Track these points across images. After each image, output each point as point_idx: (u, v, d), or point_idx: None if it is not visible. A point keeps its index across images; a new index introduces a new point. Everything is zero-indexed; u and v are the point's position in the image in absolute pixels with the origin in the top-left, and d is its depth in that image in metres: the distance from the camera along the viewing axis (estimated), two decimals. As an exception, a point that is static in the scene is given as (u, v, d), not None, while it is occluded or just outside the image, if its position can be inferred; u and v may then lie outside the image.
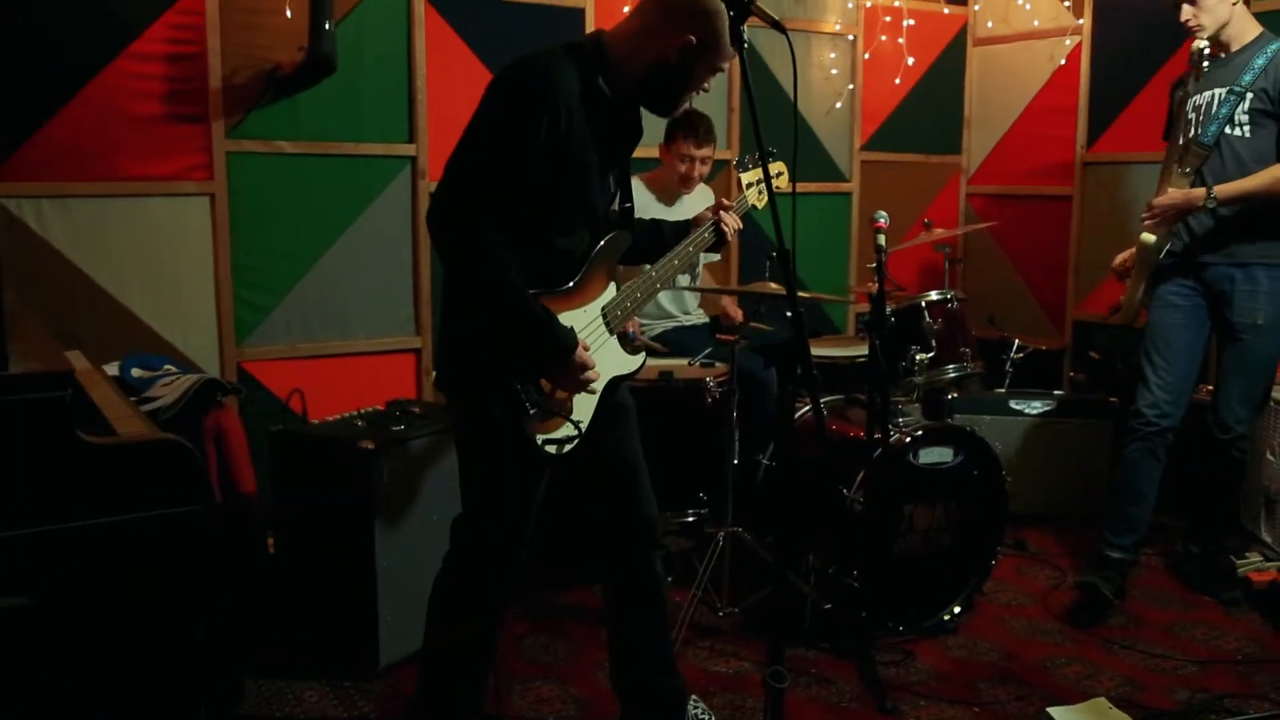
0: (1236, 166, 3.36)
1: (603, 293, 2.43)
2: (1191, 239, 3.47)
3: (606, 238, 2.42)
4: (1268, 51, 3.35)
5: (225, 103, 3.73)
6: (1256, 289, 3.41)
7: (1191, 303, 3.51)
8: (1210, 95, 3.45)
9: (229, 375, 3.79)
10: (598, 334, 2.39)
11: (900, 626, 3.38)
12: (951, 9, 5.44)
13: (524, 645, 3.28)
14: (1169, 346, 3.51)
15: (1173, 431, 3.50)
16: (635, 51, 2.27)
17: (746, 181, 2.89)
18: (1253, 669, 3.20)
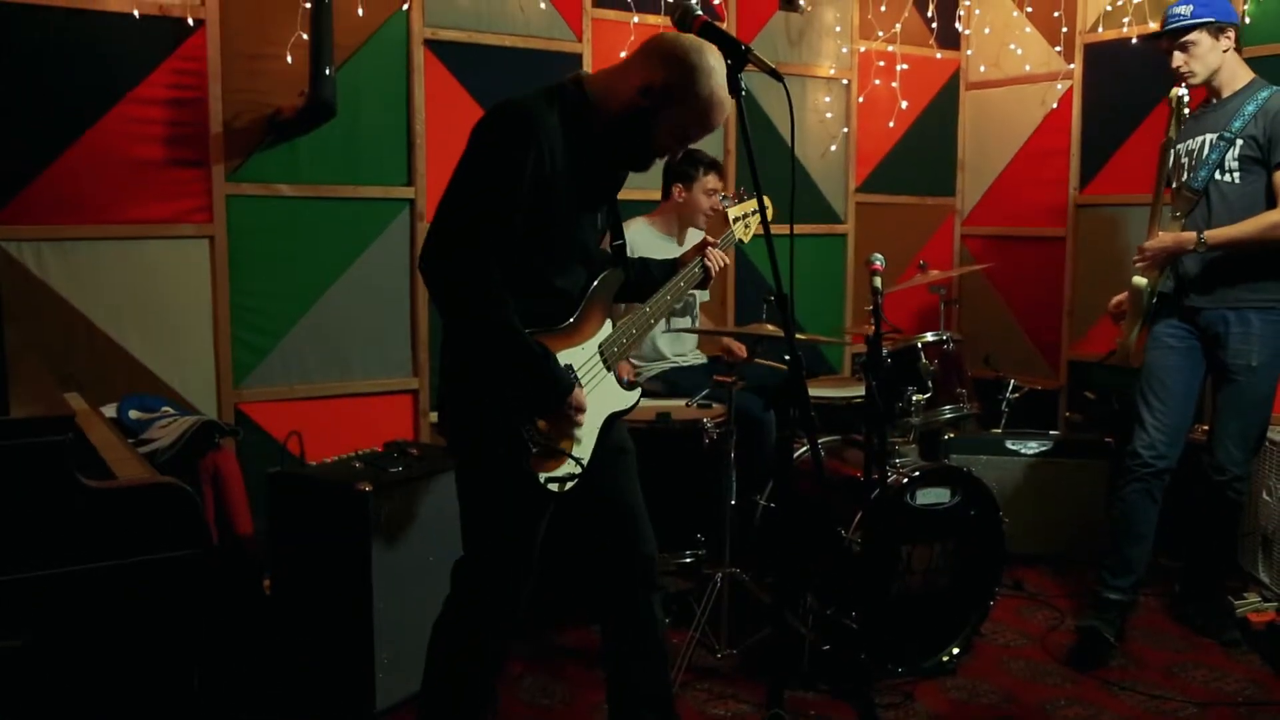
0: (1226, 212, 3.39)
1: (599, 330, 2.45)
2: (1183, 281, 3.49)
3: (601, 275, 2.43)
4: (1258, 99, 3.39)
5: (226, 146, 3.77)
6: (1249, 331, 3.43)
7: (1187, 344, 3.52)
8: (1202, 140, 3.48)
9: (226, 417, 3.79)
10: (595, 371, 2.41)
11: (899, 668, 3.36)
12: (944, 54, 5.50)
13: (521, 686, 3.26)
14: (1165, 388, 3.52)
15: (1169, 473, 3.51)
16: (611, 92, 2.29)
17: (733, 216, 2.90)
18: (1253, 711, 3.19)
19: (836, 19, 5.16)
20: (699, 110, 2.26)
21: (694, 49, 2.23)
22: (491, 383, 2.25)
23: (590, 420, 2.36)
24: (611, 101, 2.28)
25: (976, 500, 3.47)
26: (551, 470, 2.28)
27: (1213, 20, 3.39)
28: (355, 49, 3.96)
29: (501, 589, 2.39)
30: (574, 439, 2.33)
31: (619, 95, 2.27)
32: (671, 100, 2.24)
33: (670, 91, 2.23)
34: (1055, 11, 5.08)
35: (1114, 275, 3.86)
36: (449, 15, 4.15)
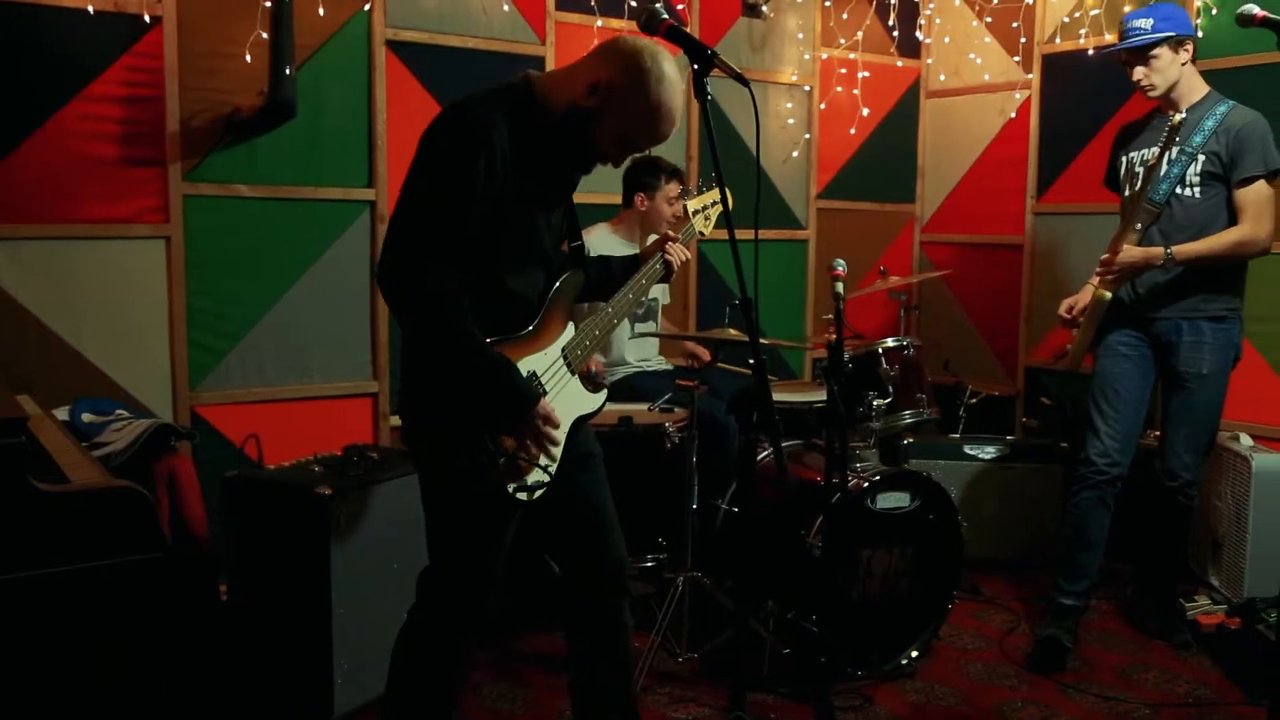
0: (1187, 226, 3.43)
1: (562, 334, 2.43)
2: (1138, 291, 3.54)
3: (562, 278, 2.42)
4: (1216, 113, 3.43)
5: (183, 146, 3.72)
6: (1201, 340, 3.48)
7: (1139, 352, 3.57)
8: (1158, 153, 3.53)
9: (182, 420, 3.74)
10: (560, 375, 2.39)
11: (859, 670, 3.38)
12: (905, 62, 5.55)
13: (483, 693, 3.25)
14: (1118, 395, 3.57)
15: (1122, 479, 3.56)
16: (560, 91, 2.26)
17: (692, 209, 2.88)
18: (1204, 711, 3.24)
19: (799, 26, 5.19)
20: (645, 116, 2.23)
21: (649, 54, 2.21)
22: (454, 395, 2.24)
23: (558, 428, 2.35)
24: (559, 100, 2.25)
25: (935, 505, 3.50)
26: (519, 480, 2.27)
27: (1174, 34, 3.43)
28: (316, 49, 3.93)
29: (468, 599, 2.37)
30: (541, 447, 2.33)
31: (567, 93, 2.24)
32: (618, 101, 2.21)
33: (617, 92, 2.20)
34: (1014, 22, 5.13)
35: (1070, 283, 3.92)
36: (411, 16, 4.12)
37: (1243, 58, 4.22)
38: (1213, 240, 3.39)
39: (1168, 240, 3.44)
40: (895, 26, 5.40)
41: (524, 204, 2.27)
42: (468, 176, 2.13)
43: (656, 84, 2.20)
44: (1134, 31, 3.46)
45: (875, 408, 3.65)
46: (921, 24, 5.51)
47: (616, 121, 2.23)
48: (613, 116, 2.23)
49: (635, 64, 2.20)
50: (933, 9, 5.51)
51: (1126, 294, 3.55)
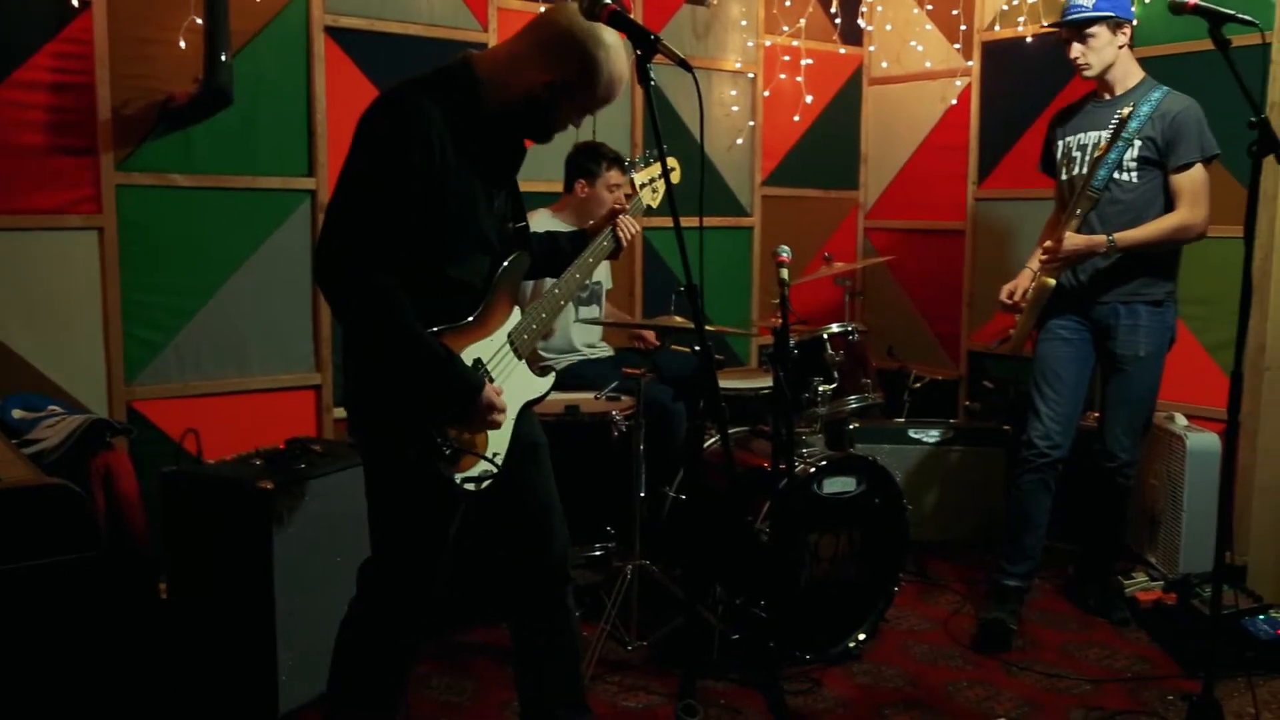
0: (1125, 211, 3.49)
1: (508, 319, 2.41)
2: (1079, 276, 3.59)
3: (506, 261, 2.39)
4: (1152, 99, 3.48)
5: (115, 134, 3.62)
6: (1138, 324, 3.54)
7: (1079, 336, 3.63)
8: (1096, 136, 3.57)
9: (118, 415, 3.66)
10: (506, 361, 2.38)
11: (807, 655, 3.41)
12: (847, 49, 5.57)
13: (430, 684, 3.22)
14: (1059, 378, 3.62)
15: (1063, 461, 3.61)
16: (505, 79, 2.25)
17: (639, 182, 2.87)
18: (1142, 685, 3.31)
19: (742, 13, 5.19)
20: (600, 92, 2.28)
21: (592, 38, 2.22)
22: (399, 388, 2.21)
23: (506, 413, 2.33)
24: (508, 88, 2.25)
25: (881, 488, 3.54)
26: (466, 470, 2.24)
27: (1113, 15, 3.46)
28: (253, 35, 3.85)
29: (412, 590, 2.35)
30: (486, 437, 2.30)
31: (517, 83, 2.24)
32: (574, 90, 2.25)
33: (573, 84, 2.24)
34: (954, 10, 5.17)
35: (1011, 268, 3.96)
36: (350, 2, 4.06)
37: (1176, 45, 4.27)
38: (1153, 226, 3.45)
39: (1106, 225, 3.49)
40: (837, 14, 5.43)
41: (466, 190, 2.24)
42: (405, 165, 2.11)
43: (607, 65, 2.24)
44: (1075, 8, 3.50)
45: (821, 393, 3.67)
46: (863, 11, 5.52)
47: (572, 105, 2.29)
48: (568, 103, 2.28)
49: (585, 55, 2.22)
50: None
51: (1067, 280, 3.60)
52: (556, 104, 2.26)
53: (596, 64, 2.22)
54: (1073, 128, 3.67)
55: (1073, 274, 3.58)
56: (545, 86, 2.23)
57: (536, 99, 2.24)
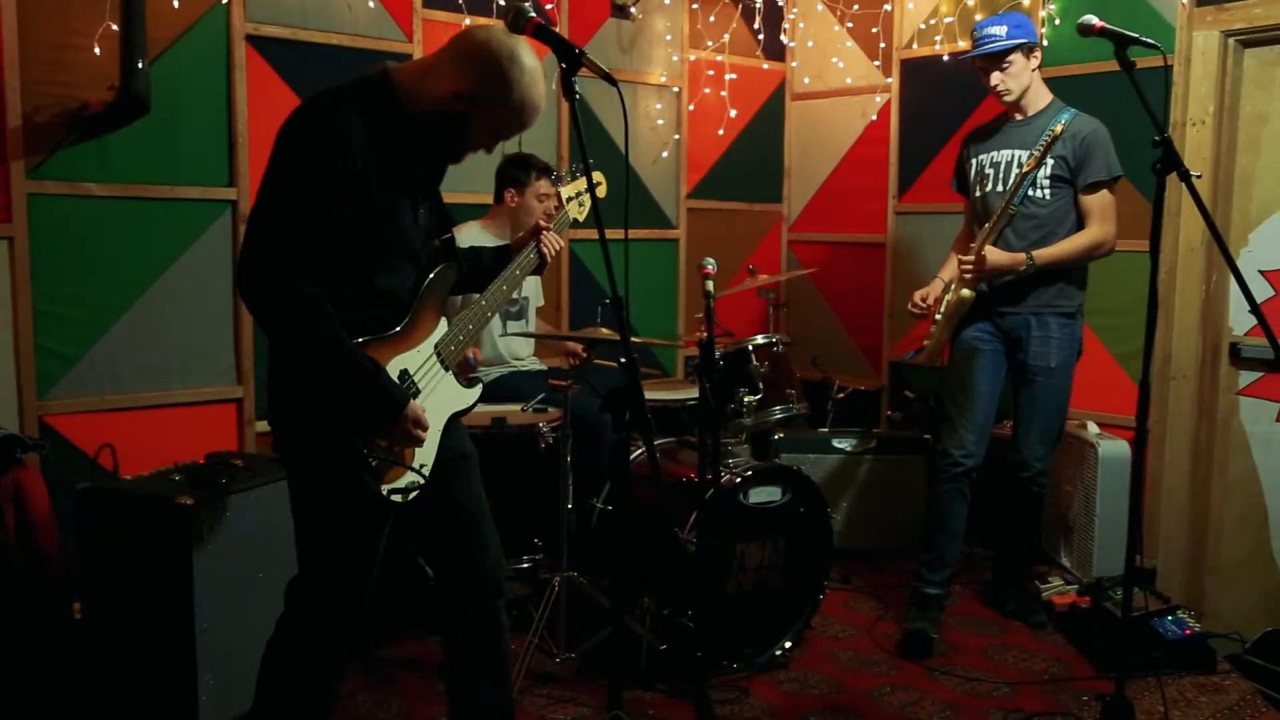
0: (1038, 226, 3.56)
1: (434, 330, 2.39)
2: (993, 288, 3.65)
3: (432, 273, 2.37)
4: (1062, 119, 3.56)
5: (26, 141, 3.52)
6: (1049, 335, 3.62)
7: (991, 347, 3.69)
8: (1010, 155, 3.65)
9: (29, 431, 3.55)
10: (433, 372, 2.35)
11: (735, 664, 3.42)
12: (770, 65, 5.63)
13: (356, 701, 3.17)
14: (973, 389, 3.68)
15: (977, 469, 3.67)
16: (421, 90, 2.24)
17: (566, 195, 2.87)
18: (1059, 687, 3.37)
19: (667, 28, 5.22)
20: (511, 113, 2.26)
21: (507, 55, 2.21)
22: (324, 399, 2.17)
23: (431, 424, 2.30)
24: (423, 99, 2.24)
25: (806, 498, 3.56)
26: (393, 481, 2.22)
27: (1026, 41, 3.56)
28: (171, 42, 3.77)
29: (340, 606, 2.31)
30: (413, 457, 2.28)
31: (431, 94, 2.23)
32: (484, 105, 2.23)
33: (483, 98, 2.22)
34: (874, 28, 5.26)
35: (930, 280, 4.04)
36: (272, 11, 4.00)
37: (1085, 65, 4.39)
38: (1069, 244, 3.54)
39: (1020, 238, 3.57)
40: (761, 30, 5.48)
41: (388, 199, 2.22)
42: (325, 173, 2.09)
43: (520, 84, 2.22)
44: (989, 38, 3.58)
45: (746, 404, 3.69)
46: (786, 28, 5.60)
47: (485, 121, 2.27)
48: (481, 117, 2.26)
49: (498, 69, 2.21)
50: (796, 13, 5.61)
51: (982, 292, 3.66)
52: (467, 117, 2.24)
53: (509, 80, 2.21)
54: (985, 147, 3.75)
55: (987, 286, 3.65)
56: (456, 97, 2.21)
57: (449, 110, 2.23)
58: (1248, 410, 4.13)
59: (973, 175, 3.77)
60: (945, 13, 4.97)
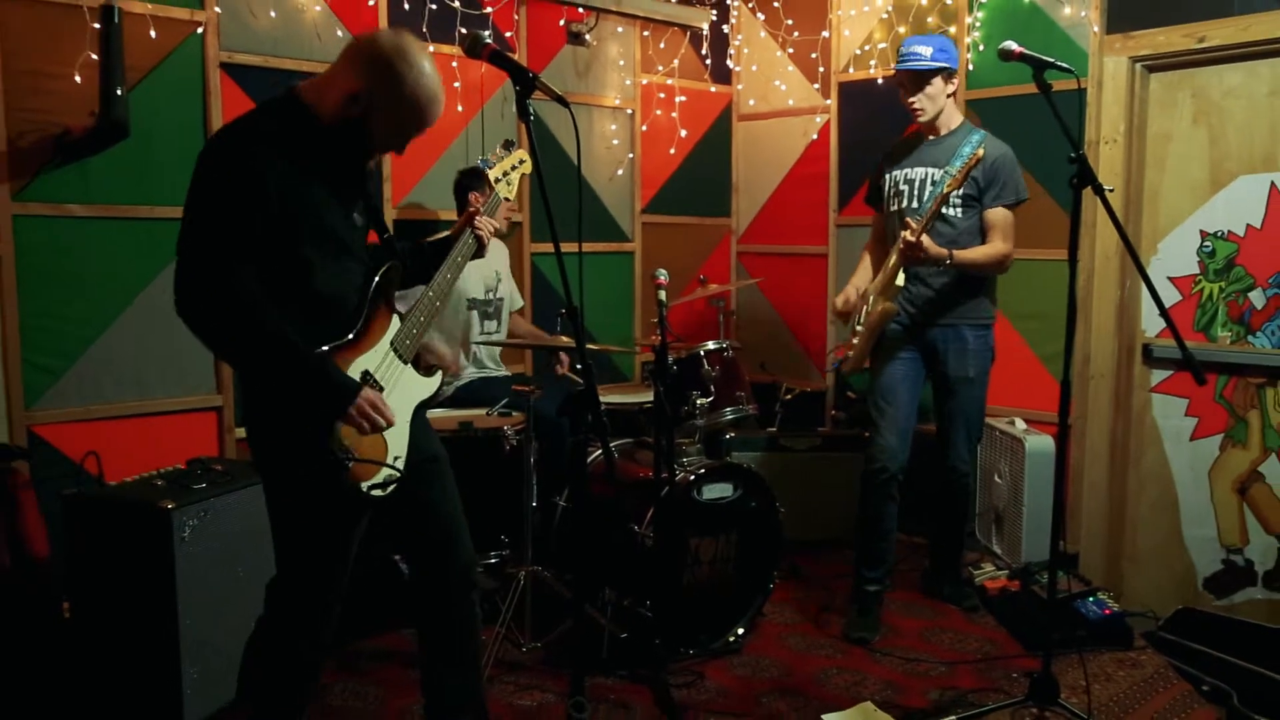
0: (952, 242, 3.55)
1: (388, 328, 2.38)
2: (912, 301, 3.68)
3: (379, 274, 2.36)
4: (972, 141, 3.56)
5: (10, 166, 3.49)
6: (966, 347, 3.66)
7: (912, 355, 3.70)
8: (924, 173, 3.66)
9: (18, 440, 3.50)
10: (393, 368, 2.36)
11: (690, 650, 3.44)
12: (718, 88, 5.67)
13: (332, 692, 3.17)
14: (896, 395, 3.68)
15: (903, 471, 3.67)
16: (324, 97, 2.24)
17: (494, 176, 2.79)
18: (991, 665, 3.43)
19: (620, 53, 5.25)
20: (407, 108, 2.22)
21: (394, 52, 2.19)
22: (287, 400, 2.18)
23: (399, 417, 2.31)
24: (326, 107, 2.23)
25: (756, 493, 3.58)
26: (370, 478, 2.22)
27: (947, 66, 3.60)
28: (148, 70, 3.75)
29: (317, 603, 2.32)
30: (385, 443, 2.28)
31: (331, 101, 2.22)
32: (379, 104, 2.19)
33: (375, 98, 2.19)
34: (813, 53, 5.33)
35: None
36: (245, 39, 3.98)
37: (1006, 88, 4.47)
38: (982, 251, 3.57)
39: None
40: (708, 55, 5.53)
41: (316, 207, 2.22)
42: (229, 202, 2.11)
43: (408, 79, 2.20)
44: (914, 56, 3.59)
45: (699, 406, 3.71)
46: (731, 53, 5.65)
47: (385, 121, 2.23)
48: (380, 118, 2.22)
49: (385, 67, 2.19)
50: (741, 40, 5.66)
51: (904, 314, 3.69)
52: (366, 118, 2.20)
53: (397, 75, 2.18)
54: (900, 164, 3.75)
55: (908, 301, 3.67)
56: (352, 99, 2.18)
57: (348, 114, 2.21)
58: (1159, 406, 4.22)
59: (888, 191, 3.77)
60: (879, 39, 5.04)
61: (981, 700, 3.13)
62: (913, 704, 3.14)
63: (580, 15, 4.99)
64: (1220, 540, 4.08)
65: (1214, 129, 4.04)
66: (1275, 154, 3.91)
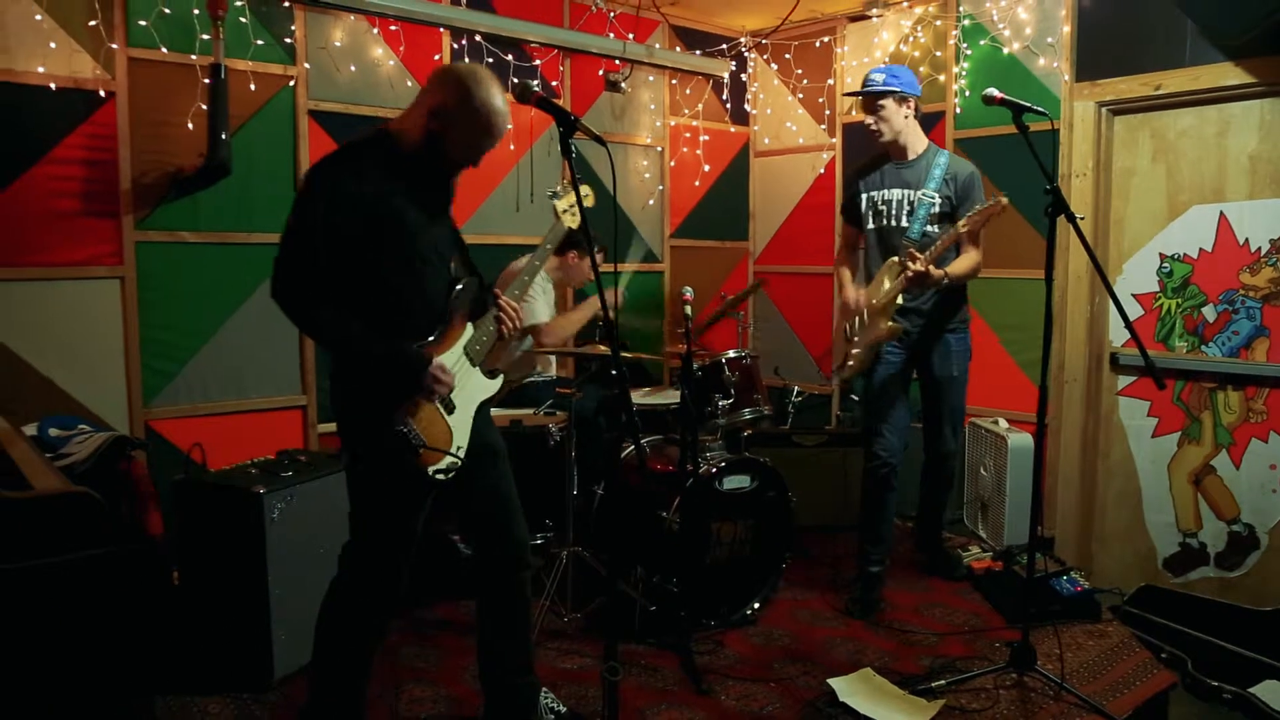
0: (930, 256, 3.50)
1: (463, 334, 2.42)
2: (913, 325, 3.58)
3: (459, 285, 2.40)
4: (940, 163, 3.49)
5: (135, 200, 3.58)
6: (950, 349, 3.60)
7: (901, 359, 3.63)
8: (900, 194, 3.54)
9: (137, 432, 3.59)
10: (464, 369, 2.40)
11: (712, 621, 3.42)
12: (736, 129, 5.67)
13: (400, 654, 3.19)
14: (891, 397, 3.62)
15: (899, 462, 3.63)
16: (410, 125, 2.27)
17: (560, 209, 2.77)
18: (976, 636, 3.40)
19: (651, 99, 5.27)
20: (480, 120, 2.24)
21: (467, 72, 2.24)
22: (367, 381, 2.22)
23: (463, 412, 2.34)
24: (411, 131, 2.27)
25: (771, 484, 3.55)
26: (436, 463, 2.26)
27: (899, 90, 3.46)
28: (248, 117, 3.82)
29: (385, 569, 2.35)
30: (450, 434, 2.31)
31: (414, 123, 2.26)
32: (454, 116, 2.22)
33: (451, 111, 2.22)
34: (820, 98, 5.31)
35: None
36: (329, 90, 4.05)
37: (992, 129, 4.44)
38: (965, 263, 3.47)
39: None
40: (728, 100, 5.54)
41: (403, 223, 2.25)
42: (312, 218, 2.16)
43: (478, 92, 2.22)
44: (869, 83, 3.50)
45: (720, 407, 3.70)
46: (749, 99, 5.65)
47: (461, 131, 2.24)
48: (456, 129, 2.24)
49: (457, 82, 2.23)
50: (757, 87, 5.66)
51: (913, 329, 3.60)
52: (444, 132, 2.22)
53: (470, 90, 2.21)
54: (874, 184, 3.60)
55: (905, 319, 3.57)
56: (431, 115, 2.22)
57: (429, 130, 2.24)
58: (1125, 408, 4.17)
59: (864, 208, 3.62)
60: (879, 86, 5.01)
61: (968, 667, 3.10)
62: (908, 670, 3.12)
63: (617, 66, 5.02)
64: (1178, 525, 4.02)
65: (1170, 165, 3.99)
66: (1223, 187, 3.86)
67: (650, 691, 2.98)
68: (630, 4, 4.95)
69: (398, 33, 4.21)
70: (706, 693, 2.95)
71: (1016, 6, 4.40)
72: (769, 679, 3.06)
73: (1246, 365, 3.82)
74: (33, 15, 3.35)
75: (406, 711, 2.82)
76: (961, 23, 4.62)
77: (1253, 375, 3.81)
